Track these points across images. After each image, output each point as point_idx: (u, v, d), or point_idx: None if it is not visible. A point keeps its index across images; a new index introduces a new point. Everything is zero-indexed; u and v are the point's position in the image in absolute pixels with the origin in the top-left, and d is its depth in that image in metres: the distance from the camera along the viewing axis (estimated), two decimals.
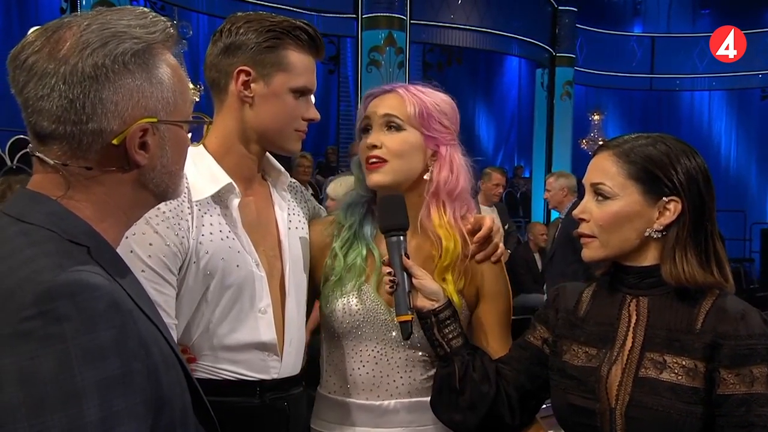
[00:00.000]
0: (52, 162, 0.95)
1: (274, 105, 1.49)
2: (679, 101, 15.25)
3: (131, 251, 1.32)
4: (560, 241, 5.53)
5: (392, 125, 1.56)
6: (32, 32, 0.97)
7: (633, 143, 1.37)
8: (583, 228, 1.40)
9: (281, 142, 1.54)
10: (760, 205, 14.65)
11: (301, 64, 1.50)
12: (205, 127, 1.43)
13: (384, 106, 1.58)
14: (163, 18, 1.01)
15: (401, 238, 1.47)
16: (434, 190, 1.59)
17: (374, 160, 1.55)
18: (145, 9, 1.02)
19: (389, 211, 1.49)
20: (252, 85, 1.48)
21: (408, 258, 1.47)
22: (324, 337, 1.65)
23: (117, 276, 0.93)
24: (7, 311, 0.82)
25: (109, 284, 0.88)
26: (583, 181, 1.42)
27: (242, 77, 1.47)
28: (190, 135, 1.07)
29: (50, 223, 0.92)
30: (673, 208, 1.33)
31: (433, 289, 1.48)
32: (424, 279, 1.48)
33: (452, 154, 1.60)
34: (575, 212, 1.41)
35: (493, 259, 1.61)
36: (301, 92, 1.51)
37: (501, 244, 1.63)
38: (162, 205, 1.31)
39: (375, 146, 1.55)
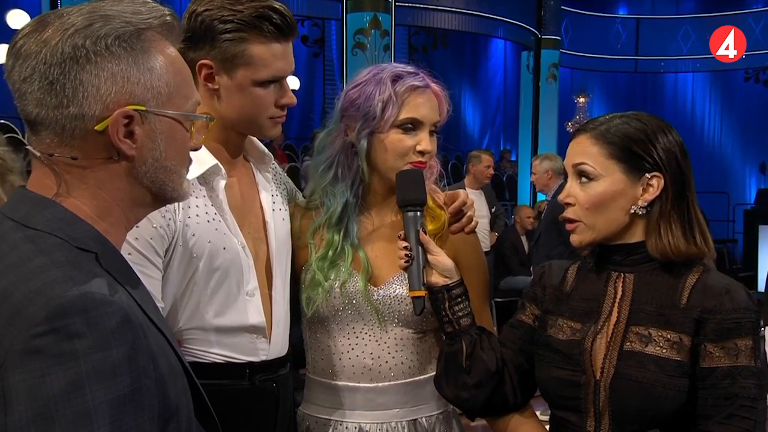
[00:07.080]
0: (38, 154, 0.93)
1: (241, 97, 1.47)
2: (663, 83, 15.33)
3: None
4: (546, 223, 5.54)
5: (434, 131, 1.60)
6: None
7: (609, 124, 1.38)
8: (568, 213, 1.40)
9: (256, 130, 1.54)
10: (743, 186, 14.78)
11: (265, 56, 1.45)
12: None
13: (434, 112, 1.58)
14: (164, 8, 0.98)
15: (418, 213, 1.48)
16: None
17: (422, 165, 1.57)
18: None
19: (409, 187, 1.49)
20: (216, 77, 1.46)
21: (425, 233, 1.47)
22: (306, 322, 1.64)
23: (125, 283, 0.92)
24: (18, 327, 0.81)
25: (121, 297, 0.87)
26: (564, 164, 1.43)
27: (204, 71, 1.45)
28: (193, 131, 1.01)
29: (57, 229, 0.90)
30: (656, 184, 1.35)
31: (447, 266, 1.48)
32: (440, 255, 1.48)
33: None
34: (560, 197, 1.41)
35: (467, 230, 1.63)
36: (269, 82, 1.47)
37: (474, 217, 1.65)
38: None
39: (426, 152, 1.56)
